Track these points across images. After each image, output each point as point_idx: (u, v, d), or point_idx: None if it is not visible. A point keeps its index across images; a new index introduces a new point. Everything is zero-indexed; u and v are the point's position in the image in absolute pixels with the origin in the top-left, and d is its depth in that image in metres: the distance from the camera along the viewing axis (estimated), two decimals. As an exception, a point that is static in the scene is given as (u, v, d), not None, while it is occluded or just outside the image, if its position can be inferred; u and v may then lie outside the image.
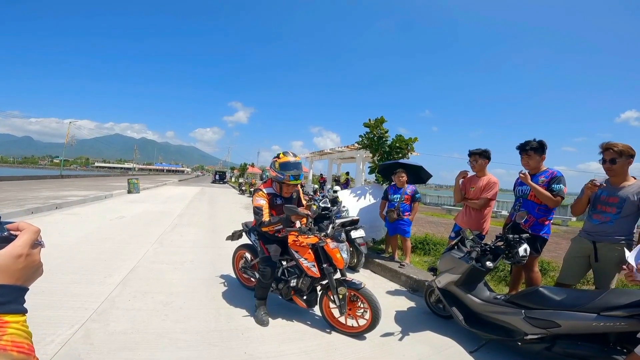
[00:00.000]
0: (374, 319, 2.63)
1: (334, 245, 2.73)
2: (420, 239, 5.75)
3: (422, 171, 5.35)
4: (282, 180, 2.95)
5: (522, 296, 2.53)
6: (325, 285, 2.89)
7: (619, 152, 2.50)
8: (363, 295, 2.69)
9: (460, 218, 3.89)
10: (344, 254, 2.72)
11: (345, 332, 2.76)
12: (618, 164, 2.53)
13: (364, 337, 2.70)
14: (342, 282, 2.73)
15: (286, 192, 3.11)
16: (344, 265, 2.73)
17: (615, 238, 2.51)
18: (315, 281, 2.89)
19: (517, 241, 2.69)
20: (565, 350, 2.21)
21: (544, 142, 3.07)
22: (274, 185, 3.12)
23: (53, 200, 9.59)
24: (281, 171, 2.93)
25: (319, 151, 17.93)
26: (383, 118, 6.01)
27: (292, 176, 2.91)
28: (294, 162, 2.95)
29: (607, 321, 2.00)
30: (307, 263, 2.80)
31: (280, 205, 3.04)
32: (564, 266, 2.91)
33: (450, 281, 2.87)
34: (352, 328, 2.76)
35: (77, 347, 2.21)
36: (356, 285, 2.70)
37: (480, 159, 3.71)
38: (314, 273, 2.78)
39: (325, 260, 2.76)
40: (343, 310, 2.73)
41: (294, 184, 3.00)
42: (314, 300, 2.95)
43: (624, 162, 2.51)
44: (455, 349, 2.62)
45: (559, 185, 2.94)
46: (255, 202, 2.98)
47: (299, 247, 2.86)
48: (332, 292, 2.76)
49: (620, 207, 2.51)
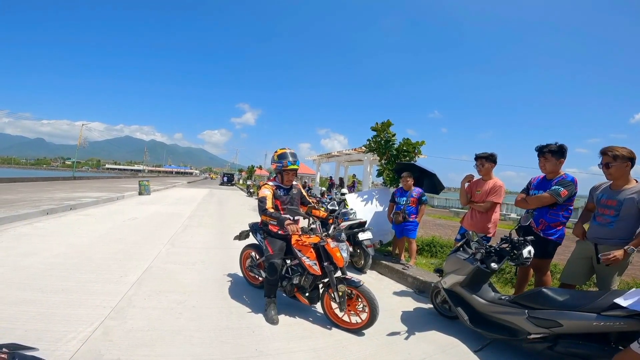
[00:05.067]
0: (372, 316, 2.75)
1: (334, 244, 2.89)
2: (427, 241, 5.80)
3: (437, 180, 5.44)
4: (281, 168, 3.29)
5: (526, 297, 2.58)
6: (326, 283, 3.03)
7: (614, 156, 2.53)
8: (362, 293, 2.82)
9: (466, 221, 3.93)
10: (344, 253, 2.88)
11: (345, 328, 2.88)
12: (613, 168, 2.56)
13: (363, 333, 2.80)
14: (342, 280, 2.88)
15: (287, 181, 3.39)
16: (344, 264, 2.88)
17: (616, 240, 2.54)
18: (317, 279, 3.04)
19: (521, 243, 2.74)
20: (567, 350, 2.26)
21: (564, 146, 2.99)
22: (277, 178, 3.43)
23: (67, 201, 9.87)
24: (280, 160, 3.30)
25: (327, 154, 18.03)
26: (390, 122, 6.07)
27: (289, 162, 3.27)
28: (289, 152, 3.35)
29: (607, 321, 2.04)
30: (309, 261, 2.96)
31: (282, 195, 3.35)
32: (567, 267, 2.95)
33: (455, 282, 2.93)
34: (352, 324, 2.88)
35: (97, 344, 2.32)
36: (355, 283, 2.83)
37: (487, 162, 3.75)
38: (316, 271, 2.94)
39: (326, 258, 2.91)
40: (343, 307, 2.86)
41: (292, 169, 3.31)
42: (315, 298, 3.10)
43: (619, 165, 2.53)
44: (460, 349, 2.68)
45: (558, 186, 2.94)
46: (261, 192, 3.28)
47: (302, 246, 3.03)
48: (332, 289, 2.89)
49: (618, 210, 2.54)
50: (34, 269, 3.80)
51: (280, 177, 3.39)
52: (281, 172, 3.33)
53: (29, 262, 4.06)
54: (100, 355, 2.20)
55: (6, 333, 2.33)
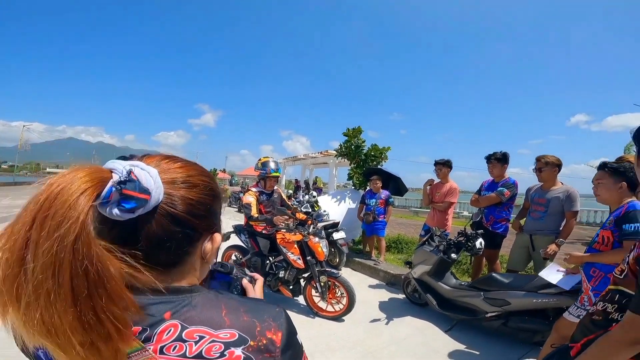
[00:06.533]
0: (350, 303, 3.15)
1: (316, 240, 3.29)
2: (394, 238, 6.32)
3: (401, 183, 6.01)
4: (264, 175, 3.61)
5: (481, 281, 3.09)
6: (308, 277, 3.40)
7: (545, 162, 3.15)
8: (341, 282, 3.22)
9: (429, 219, 4.49)
10: (324, 248, 3.29)
11: (326, 316, 3.25)
12: (544, 172, 3.17)
13: (343, 319, 3.19)
14: (323, 272, 3.26)
15: (269, 187, 3.71)
16: (324, 257, 3.28)
17: (546, 232, 3.14)
18: (299, 273, 3.41)
19: (474, 236, 3.27)
20: (517, 325, 2.78)
21: (507, 154, 3.65)
22: (259, 184, 3.73)
23: (15, 209, 9.12)
24: (264, 167, 3.62)
25: (293, 157, 18.28)
26: (360, 128, 6.54)
27: (272, 169, 3.61)
28: (272, 161, 3.72)
29: (543, 298, 2.59)
30: (293, 256, 3.33)
31: (265, 200, 3.67)
32: (510, 256, 3.54)
33: (423, 272, 3.38)
34: (332, 312, 3.26)
35: None
36: (334, 274, 3.25)
37: (444, 168, 4.36)
38: (299, 265, 3.31)
39: (309, 253, 3.28)
40: (325, 296, 3.25)
41: (274, 176, 3.64)
42: (297, 291, 3.46)
43: (549, 170, 3.14)
44: (434, 330, 3.13)
45: (502, 187, 3.54)
46: (245, 199, 3.53)
47: (287, 243, 3.39)
48: (315, 280, 3.27)
49: (546, 207, 3.14)
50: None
51: (263, 183, 3.69)
52: (264, 178, 3.65)
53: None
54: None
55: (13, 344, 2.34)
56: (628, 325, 0.77)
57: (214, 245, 0.54)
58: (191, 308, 0.46)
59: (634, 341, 0.75)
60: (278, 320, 0.50)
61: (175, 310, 0.45)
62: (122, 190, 0.42)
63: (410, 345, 2.80)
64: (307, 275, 3.40)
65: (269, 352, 0.46)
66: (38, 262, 0.35)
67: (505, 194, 3.51)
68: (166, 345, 0.43)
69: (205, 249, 0.53)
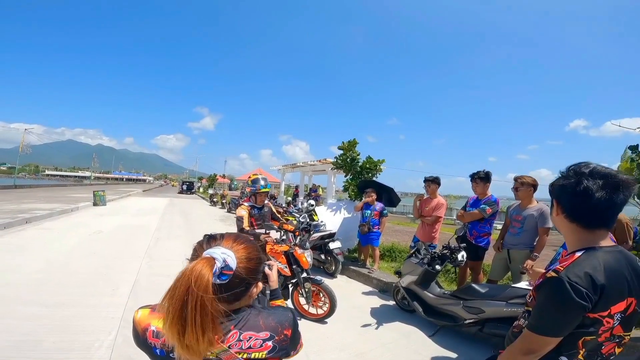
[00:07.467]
0: (332, 306, 3.49)
1: (300, 251, 3.66)
2: (388, 247, 6.62)
3: (394, 194, 6.33)
4: (255, 191, 3.94)
5: (461, 291, 3.40)
6: (295, 283, 3.75)
7: (522, 182, 3.49)
8: (323, 289, 3.56)
9: (419, 231, 4.82)
10: (309, 258, 3.62)
11: (311, 318, 3.59)
12: (520, 192, 3.51)
13: (325, 321, 3.50)
14: (308, 279, 3.60)
15: (260, 201, 4.04)
16: (309, 266, 3.64)
17: (521, 246, 3.47)
18: (287, 279, 3.76)
19: (456, 249, 3.58)
20: (491, 331, 3.07)
21: (489, 173, 3.98)
22: (251, 199, 4.07)
23: (21, 214, 9.39)
24: (254, 184, 3.96)
25: (292, 164, 18.58)
26: (355, 141, 6.87)
27: (261, 185, 3.95)
28: (260, 177, 4.05)
29: (513, 307, 2.89)
30: (280, 265, 3.67)
31: (256, 214, 4.01)
32: (492, 267, 3.86)
33: (411, 281, 3.69)
34: (316, 315, 3.60)
35: (125, 349, 2.65)
36: (318, 281, 3.57)
37: (432, 184, 4.70)
38: (286, 272, 3.65)
39: (294, 262, 3.64)
40: (309, 301, 3.60)
41: (264, 192, 3.99)
42: (286, 295, 3.79)
43: (525, 190, 3.48)
44: (419, 334, 3.43)
45: (484, 205, 3.87)
46: (239, 212, 3.89)
47: (275, 253, 3.74)
48: (300, 287, 3.63)
49: (522, 223, 3.48)
50: (23, 286, 3.94)
51: (254, 198, 4.02)
52: (255, 194, 3.98)
53: (13, 278, 4.17)
54: (131, 359, 2.54)
55: (36, 345, 2.64)
56: (523, 338, 1.06)
57: (258, 289, 0.94)
58: (244, 321, 0.87)
59: (526, 351, 1.04)
60: (290, 321, 0.94)
61: (236, 323, 0.86)
62: (222, 271, 0.82)
63: (397, 349, 3.10)
64: (294, 281, 3.74)
65: (285, 341, 0.89)
66: (192, 305, 0.75)
67: (487, 211, 3.84)
68: (232, 343, 0.83)
69: (253, 292, 0.92)
